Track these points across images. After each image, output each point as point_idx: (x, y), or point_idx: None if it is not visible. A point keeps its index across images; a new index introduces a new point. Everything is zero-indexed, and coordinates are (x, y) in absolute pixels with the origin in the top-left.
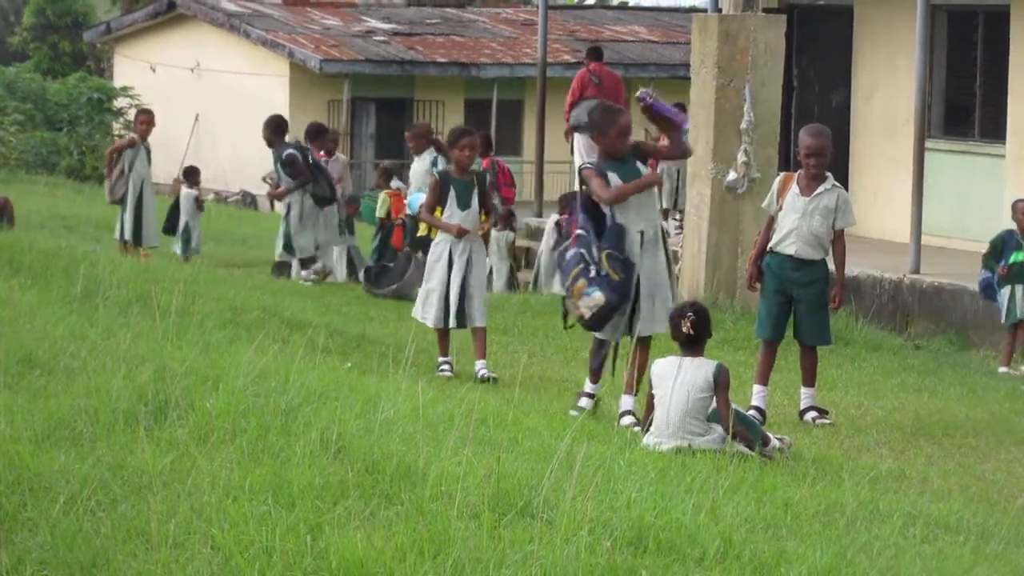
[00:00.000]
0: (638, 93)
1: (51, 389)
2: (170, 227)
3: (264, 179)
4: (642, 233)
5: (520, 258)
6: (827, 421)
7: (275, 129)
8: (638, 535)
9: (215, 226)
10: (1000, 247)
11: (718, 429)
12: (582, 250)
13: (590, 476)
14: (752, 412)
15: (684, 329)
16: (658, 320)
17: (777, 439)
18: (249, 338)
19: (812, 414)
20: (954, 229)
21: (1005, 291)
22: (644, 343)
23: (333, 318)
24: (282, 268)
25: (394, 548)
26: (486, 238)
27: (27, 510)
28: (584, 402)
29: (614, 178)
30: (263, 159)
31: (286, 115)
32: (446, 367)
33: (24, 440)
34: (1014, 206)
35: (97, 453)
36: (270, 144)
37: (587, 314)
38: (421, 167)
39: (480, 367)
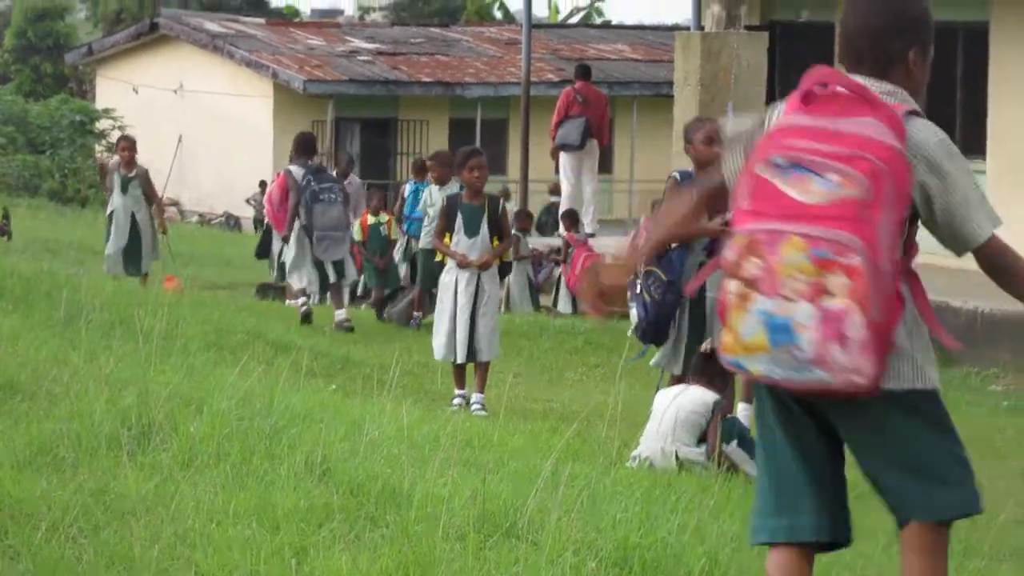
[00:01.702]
0: None
1: (33, 414)
2: (263, 252)
3: (248, 201)
4: None
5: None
6: None
7: (295, 147)
8: (623, 555)
9: (199, 248)
10: None
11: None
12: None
13: (575, 496)
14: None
15: (704, 348)
16: None
17: None
18: (234, 361)
19: None
20: (937, 245)
21: None
22: None
23: (318, 340)
24: (266, 290)
25: (379, 570)
26: (505, 268)
27: (8, 537)
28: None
29: None
30: (247, 181)
31: (270, 136)
32: (458, 400)
33: (5, 466)
34: None
35: (79, 478)
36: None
37: (629, 330)
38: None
39: (476, 400)
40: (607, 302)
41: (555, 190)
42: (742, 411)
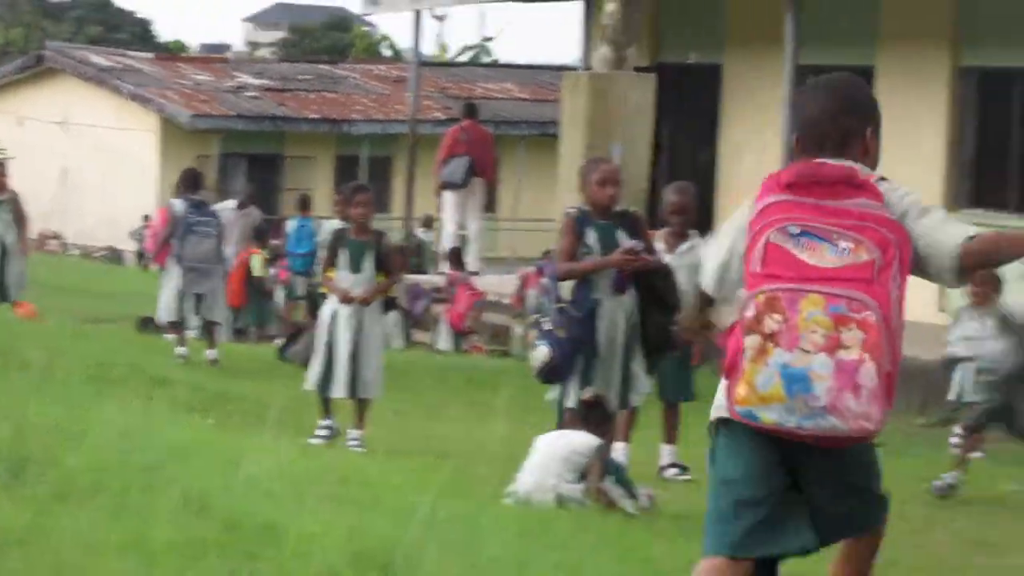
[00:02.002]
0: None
1: None
2: None
3: (131, 235)
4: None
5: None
6: (688, 477)
7: (179, 181)
8: None
9: (80, 281)
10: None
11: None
12: (543, 298)
13: (453, 533)
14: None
15: (585, 396)
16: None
17: (644, 492)
18: (113, 394)
19: (673, 471)
20: None
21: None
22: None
23: (196, 374)
24: (147, 323)
25: None
26: (390, 304)
27: None
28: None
29: (592, 239)
30: (131, 215)
31: (155, 170)
32: (323, 431)
33: None
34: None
35: None
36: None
37: (534, 368)
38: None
39: (354, 436)
40: None
41: (427, 222)
42: (619, 451)
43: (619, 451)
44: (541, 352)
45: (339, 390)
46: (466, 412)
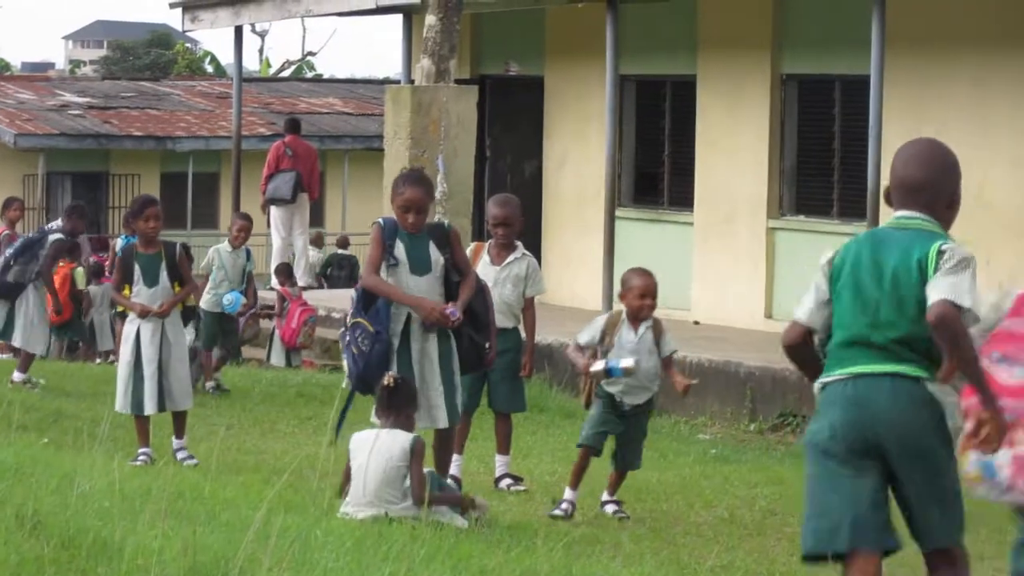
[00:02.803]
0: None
1: None
2: None
3: None
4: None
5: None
6: (522, 488)
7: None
8: None
9: None
10: None
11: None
12: (349, 312)
13: (287, 547)
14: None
15: (385, 382)
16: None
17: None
18: None
19: (507, 481)
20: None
21: None
22: (441, 435)
23: (29, 394)
24: None
25: None
26: (189, 313)
27: None
28: None
29: (400, 251)
30: None
31: None
32: (143, 457)
33: None
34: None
35: None
36: None
37: (343, 382)
38: (239, 262)
39: (178, 446)
40: None
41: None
42: (453, 462)
43: (452, 463)
44: (346, 366)
45: (150, 407)
46: (298, 427)
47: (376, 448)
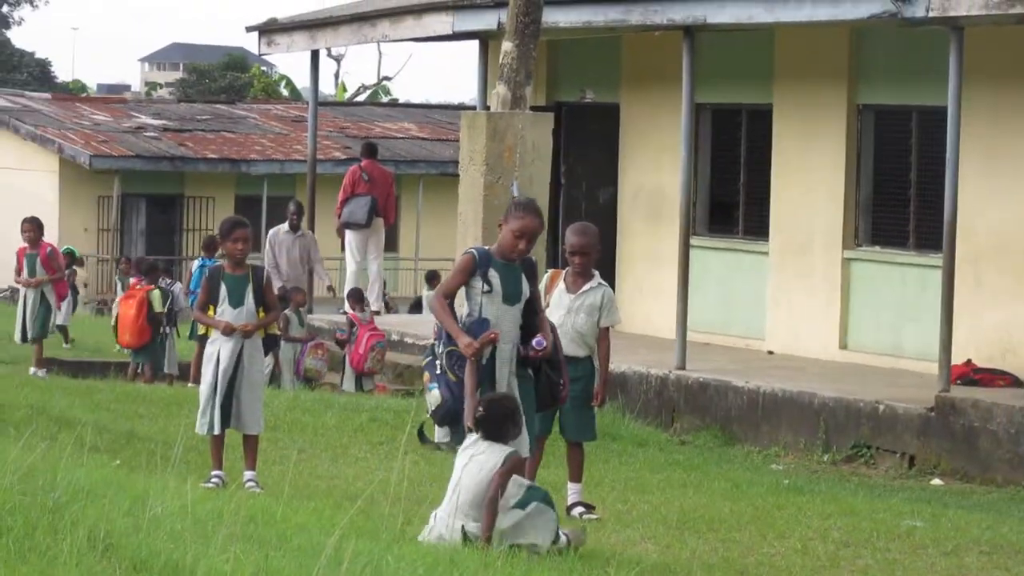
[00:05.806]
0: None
1: None
2: None
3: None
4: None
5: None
6: (594, 516)
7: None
8: None
9: None
10: None
11: (505, 518)
12: (435, 341)
13: (358, 572)
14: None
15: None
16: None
17: (565, 533)
18: (16, 436)
19: (579, 509)
20: (718, 325)
21: None
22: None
23: (102, 415)
24: (49, 364)
25: None
26: (270, 341)
27: None
28: None
29: (495, 279)
30: None
31: (55, 211)
32: (216, 479)
33: None
34: None
35: None
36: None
37: (428, 410)
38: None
39: (248, 478)
40: None
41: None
42: (573, 491)
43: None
44: (433, 396)
45: (217, 424)
46: (370, 452)
47: (472, 461)
